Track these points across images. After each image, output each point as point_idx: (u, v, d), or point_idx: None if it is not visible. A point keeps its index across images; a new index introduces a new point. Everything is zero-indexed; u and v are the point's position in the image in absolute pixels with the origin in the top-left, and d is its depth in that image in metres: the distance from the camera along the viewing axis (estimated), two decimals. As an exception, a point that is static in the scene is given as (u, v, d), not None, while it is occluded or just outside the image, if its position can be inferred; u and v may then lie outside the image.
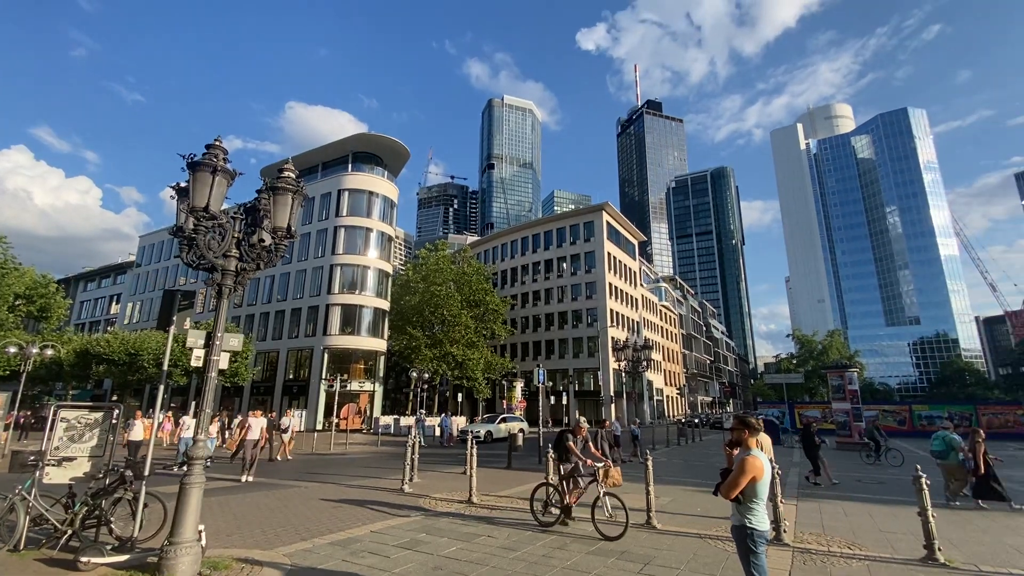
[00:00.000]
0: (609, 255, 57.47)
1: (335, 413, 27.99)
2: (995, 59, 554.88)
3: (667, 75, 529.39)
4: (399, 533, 7.56)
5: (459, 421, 33.67)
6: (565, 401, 47.33)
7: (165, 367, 8.33)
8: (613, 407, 48.56)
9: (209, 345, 5.98)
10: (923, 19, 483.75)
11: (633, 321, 62.03)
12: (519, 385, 39.47)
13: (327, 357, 41.18)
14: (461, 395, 42.55)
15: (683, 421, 39.45)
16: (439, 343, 44.58)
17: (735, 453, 4.27)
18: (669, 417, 67.97)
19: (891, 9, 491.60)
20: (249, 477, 13.16)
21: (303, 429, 35.24)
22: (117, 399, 42.38)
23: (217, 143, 5.75)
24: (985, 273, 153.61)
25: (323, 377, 39.58)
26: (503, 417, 30.57)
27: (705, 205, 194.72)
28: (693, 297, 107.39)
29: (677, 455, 21.47)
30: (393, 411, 48.95)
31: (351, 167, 47.29)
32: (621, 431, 21.68)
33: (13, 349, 23.35)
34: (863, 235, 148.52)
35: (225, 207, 6.02)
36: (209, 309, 49.25)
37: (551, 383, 52.31)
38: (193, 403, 45.69)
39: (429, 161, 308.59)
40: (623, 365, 25.81)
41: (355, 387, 41.00)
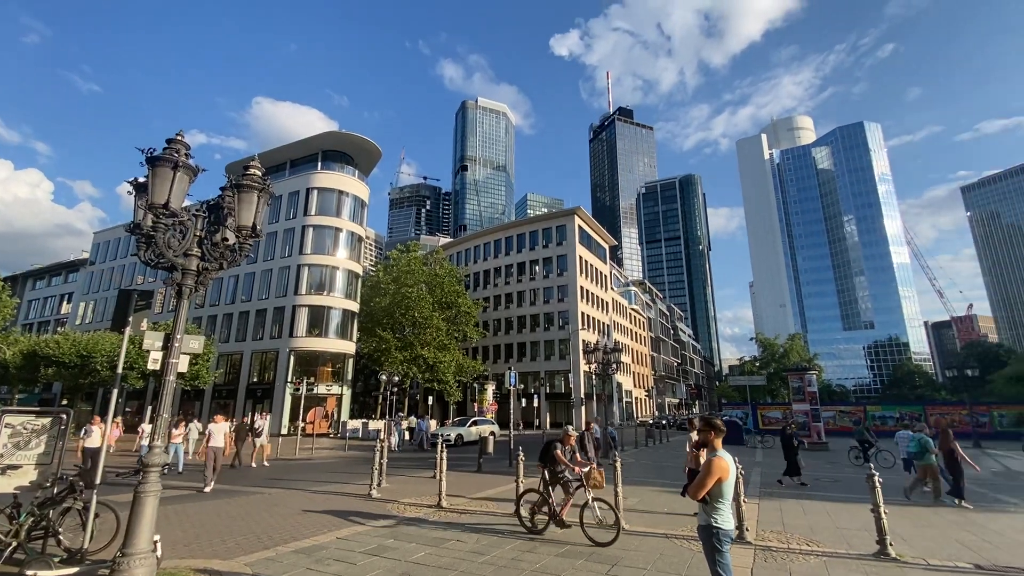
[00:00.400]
0: (581, 259, 58.09)
1: (301, 417, 27.31)
2: (943, 79, 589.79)
3: (638, 83, 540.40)
4: (366, 539, 7.42)
5: (430, 425, 33.33)
6: (536, 403, 47.34)
7: (119, 370, 7.96)
8: (584, 409, 48.99)
9: (167, 347, 5.73)
10: (878, 38, 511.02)
11: (603, 324, 62.81)
12: (491, 388, 39.34)
13: (293, 359, 40.16)
14: (432, 398, 42.14)
15: (651, 422, 40.14)
16: (410, 345, 44.06)
17: (702, 454, 4.37)
18: (636, 418, 69.07)
19: (849, 27, 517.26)
20: (212, 486, 12.34)
21: (268, 433, 34.13)
22: (67, 403, 40.31)
23: (179, 138, 5.55)
24: (933, 280, 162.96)
25: (289, 380, 38.56)
26: (474, 420, 30.43)
27: (674, 211, 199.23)
28: (661, 301, 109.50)
29: (645, 456, 21.85)
30: (362, 415, 48.08)
31: (320, 165, 46.35)
32: (600, 433, 21.87)
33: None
34: (822, 243, 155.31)
35: (187, 204, 5.80)
36: (168, 309, 47.40)
37: (522, 385, 52.45)
38: (150, 408, 44.02)
39: (401, 161, 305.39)
40: (593, 367, 26.03)
41: (322, 390, 40.08)
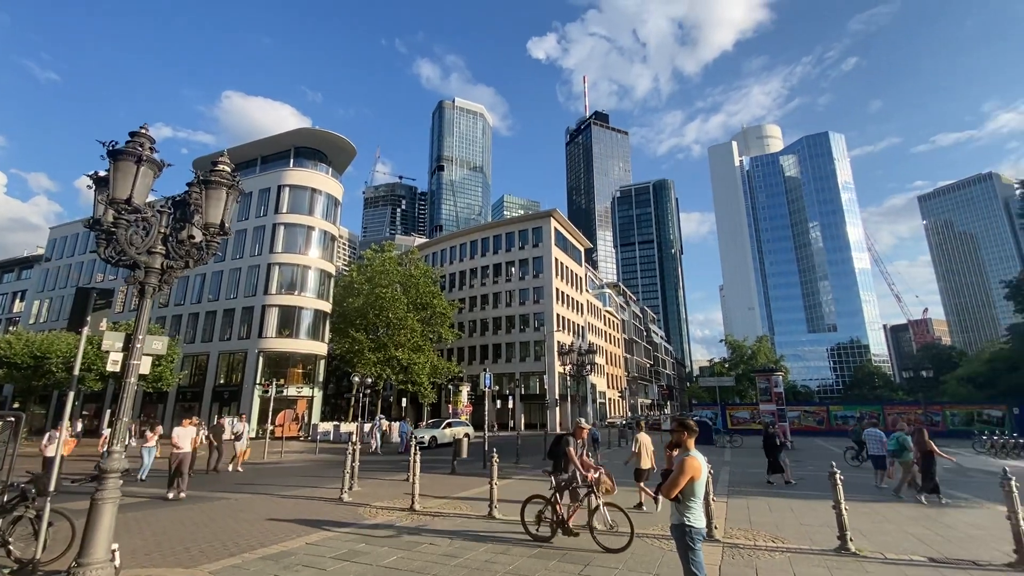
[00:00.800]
0: (556, 261, 58.46)
1: (270, 420, 26.64)
2: (902, 92, 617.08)
3: (614, 88, 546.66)
4: (336, 544, 7.29)
5: (393, 427, 32.86)
6: (511, 405, 47.53)
7: (76, 371, 7.62)
8: (558, 410, 49.27)
9: (129, 348, 5.51)
10: (843, 51, 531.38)
11: (578, 326, 63.32)
12: (465, 389, 39.23)
13: (262, 361, 39.18)
14: (406, 400, 41.69)
15: (624, 423, 40.69)
16: (383, 347, 43.50)
17: (674, 454, 4.45)
18: (606, 420, 69.76)
19: (815, 40, 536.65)
20: (181, 494, 11.40)
21: (248, 437, 33.13)
22: (19, 407, 38.31)
23: (143, 131, 5.34)
24: (892, 285, 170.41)
25: (258, 382, 37.61)
26: (448, 422, 30.24)
27: (647, 215, 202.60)
28: (635, 303, 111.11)
29: (618, 456, 22.06)
30: (333, 417, 47.26)
31: (293, 162, 45.41)
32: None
33: None
34: (789, 248, 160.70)
35: (151, 200, 5.59)
36: (130, 309, 45.65)
37: (497, 387, 52.36)
38: (108, 411, 42.22)
39: (376, 159, 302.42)
40: (568, 369, 26.25)
41: (292, 392, 39.23)
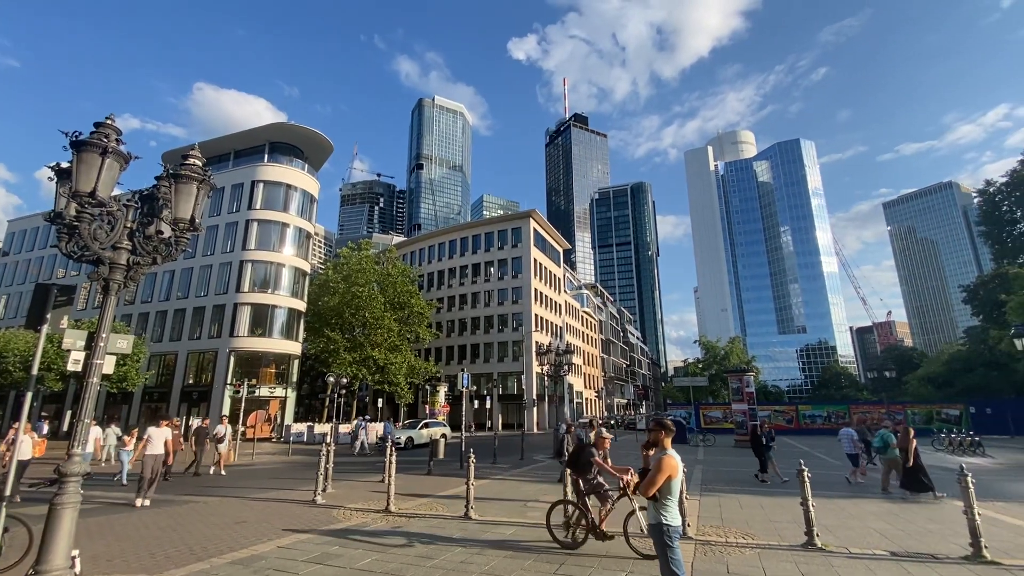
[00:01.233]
0: (535, 261, 58.60)
1: (242, 421, 26.01)
2: (869, 103, 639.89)
3: (593, 91, 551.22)
4: (309, 547, 7.16)
5: (378, 428, 32.48)
6: (489, 405, 47.36)
7: (35, 371, 7.30)
8: (535, 410, 49.42)
9: (91, 347, 5.31)
10: (813, 61, 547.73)
11: (556, 326, 63.63)
12: (443, 390, 39.03)
13: (233, 360, 38.17)
14: (382, 400, 41.18)
15: (602, 423, 41.04)
16: (359, 346, 42.89)
17: (651, 454, 4.51)
18: (581, 419, 70.29)
19: (787, 50, 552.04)
20: (146, 501, 10.76)
21: (230, 440, 32.11)
22: (-30, 408, 36.50)
23: (109, 122, 5.14)
24: (858, 288, 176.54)
25: (228, 382, 36.65)
26: (425, 422, 30.05)
27: (625, 217, 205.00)
28: (612, 304, 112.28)
29: (594, 456, 22.21)
30: (307, 418, 46.34)
31: (267, 157, 44.40)
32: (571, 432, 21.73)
33: None
34: (761, 251, 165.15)
35: (117, 193, 5.39)
36: (94, 306, 43.93)
37: (475, 387, 52.17)
38: (69, 412, 40.55)
39: (354, 156, 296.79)
40: (546, 369, 26.31)
41: (265, 393, 38.35)
